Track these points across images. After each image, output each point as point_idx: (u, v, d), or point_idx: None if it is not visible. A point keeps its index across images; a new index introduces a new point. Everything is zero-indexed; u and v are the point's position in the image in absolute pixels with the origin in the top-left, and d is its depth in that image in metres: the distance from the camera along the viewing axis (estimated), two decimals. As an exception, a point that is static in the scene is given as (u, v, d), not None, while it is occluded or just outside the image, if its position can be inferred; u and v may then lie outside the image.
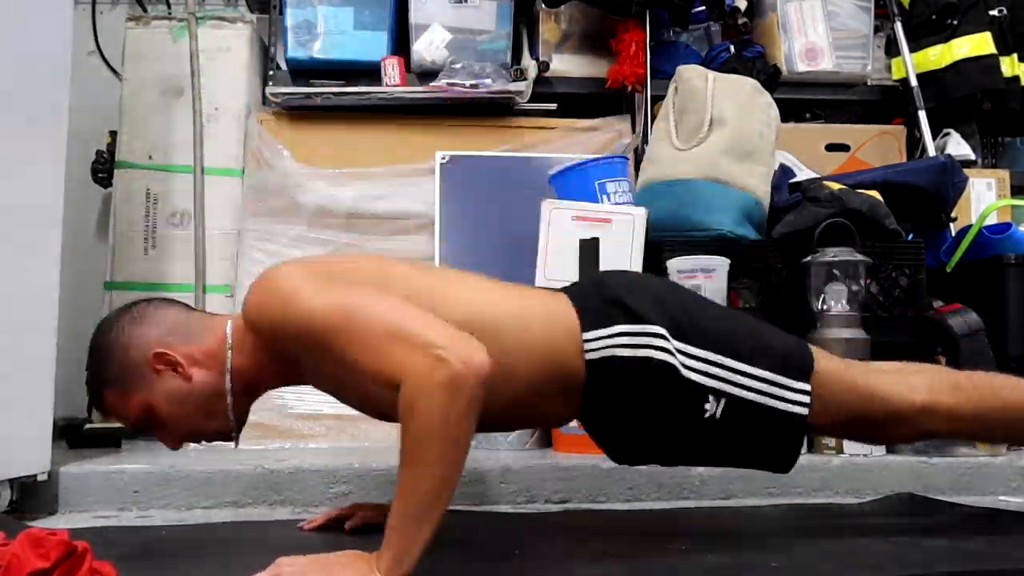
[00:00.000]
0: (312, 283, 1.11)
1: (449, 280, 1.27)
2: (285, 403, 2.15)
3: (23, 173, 1.58)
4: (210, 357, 1.21)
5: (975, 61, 2.59)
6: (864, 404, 1.27)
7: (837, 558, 1.17)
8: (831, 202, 2.07)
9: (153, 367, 1.19)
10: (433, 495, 0.99)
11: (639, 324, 1.20)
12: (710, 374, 1.21)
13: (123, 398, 1.21)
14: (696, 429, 1.22)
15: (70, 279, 1.78)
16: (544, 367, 1.20)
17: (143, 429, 1.24)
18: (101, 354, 1.22)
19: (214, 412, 1.22)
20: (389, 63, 2.53)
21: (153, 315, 1.23)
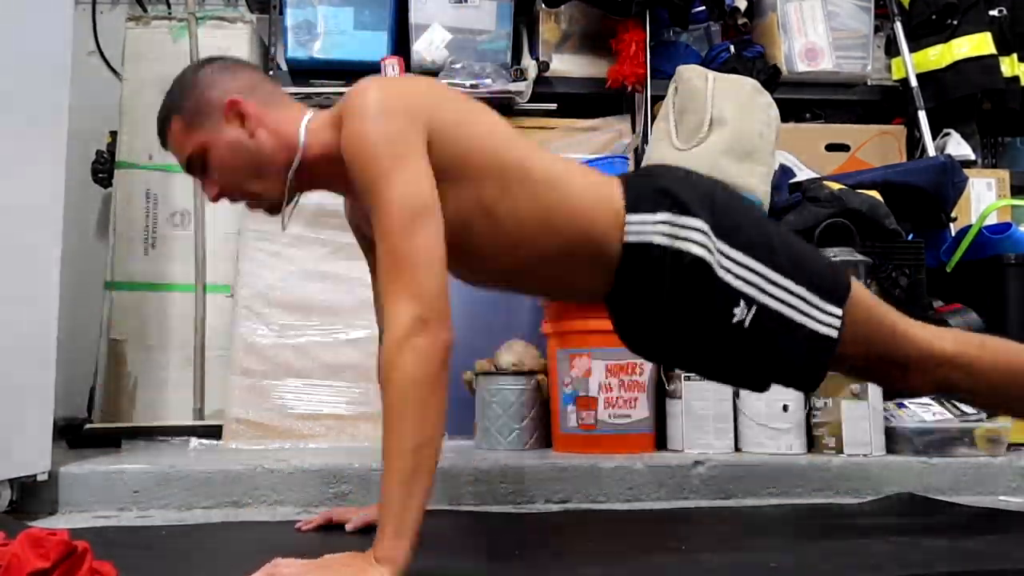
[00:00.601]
0: (390, 134, 1.11)
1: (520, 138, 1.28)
2: (285, 403, 2.15)
3: (23, 173, 1.58)
4: (277, 125, 1.24)
5: (975, 61, 2.60)
6: (892, 342, 1.28)
7: (837, 558, 1.17)
8: (831, 202, 2.07)
9: (224, 112, 1.24)
10: (418, 456, 1.01)
11: (683, 216, 1.21)
12: (745, 279, 1.20)
13: (187, 130, 1.25)
14: (722, 332, 1.21)
15: (70, 279, 1.78)
16: (583, 235, 1.22)
17: (193, 170, 1.28)
18: (184, 83, 1.27)
19: (263, 174, 1.25)
20: (389, 63, 2.53)
21: (243, 71, 1.29)
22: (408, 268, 1.06)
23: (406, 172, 1.10)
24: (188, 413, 2.30)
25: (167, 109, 1.28)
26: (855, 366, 1.32)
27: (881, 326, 1.28)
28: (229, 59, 1.33)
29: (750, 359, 1.25)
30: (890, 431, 1.89)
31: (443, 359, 1.04)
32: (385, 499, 1.01)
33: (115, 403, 2.36)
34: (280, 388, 2.16)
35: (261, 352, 2.19)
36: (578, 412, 1.93)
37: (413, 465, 1.00)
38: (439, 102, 1.19)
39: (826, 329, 1.22)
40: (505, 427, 2.00)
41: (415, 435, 1.01)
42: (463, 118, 1.20)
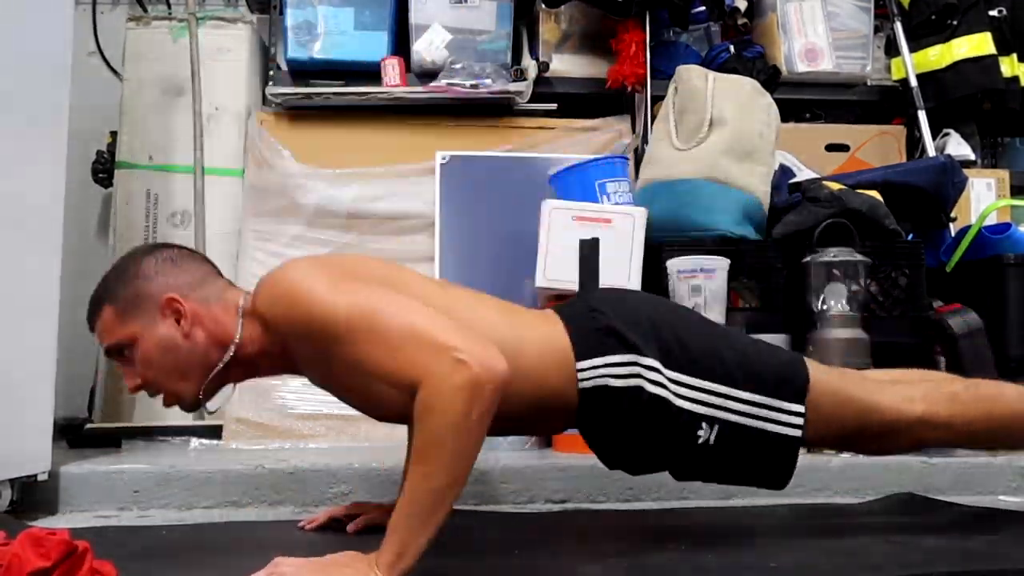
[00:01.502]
0: (330, 281, 1.11)
1: (452, 294, 1.26)
2: (285, 403, 2.15)
3: (23, 173, 1.58)
4: (214, 324, 1.21)
5: (975, 61, 2.60)
6: (860, 418, 1.28)
7: (837, 558, 1.17)
8: (831, 202, 2.07)
9: (161, 308, 1.21)
10: (440, 496, 0.99)
11: (631, 354, 1.21)
12: (702, 401, 1.21)
13: (118, 320, 1.22)
14: (690, 453, 1.23)
15: (70, 279, 1.78)
16: (538, 391, 1.21)
17: (114, 355, 1.25)
18: (124, 270, 1.24)
19: (189, 375, 1.22)
20: (389, 63, 2.53)
21: (189, 264, 1.26)
22: (409, 338, 1.02)
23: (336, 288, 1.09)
24: (188, 413, 2.30)
25: (101, 294, 1.24)
26: (830, 445, 1.33)
27: (847, 405, 1.27)
28: (179, 250, 1.29)
29: (721, 471, 1.28)
30: (890, 431, 1.89)
31: (493, 399, 1.00)
32: (398, 522, 1.00)
33: (115, 403, 2.36)
34: (280, 388, 2.16)
35: (261, 352, 2.18)
36: (578, 412, 1.93)
37: (434, 504, 0.99)
38: (364, 270, 1.19)
39: (789, 430, 1.23)
40: (505, 427, 2.00)
41: (443, 479, 0.99)
42: (401, 285, 1.18)
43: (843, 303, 1.93)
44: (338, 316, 1.07)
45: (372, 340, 1.05)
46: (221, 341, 1.21)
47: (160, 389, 1.25)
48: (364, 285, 1.12)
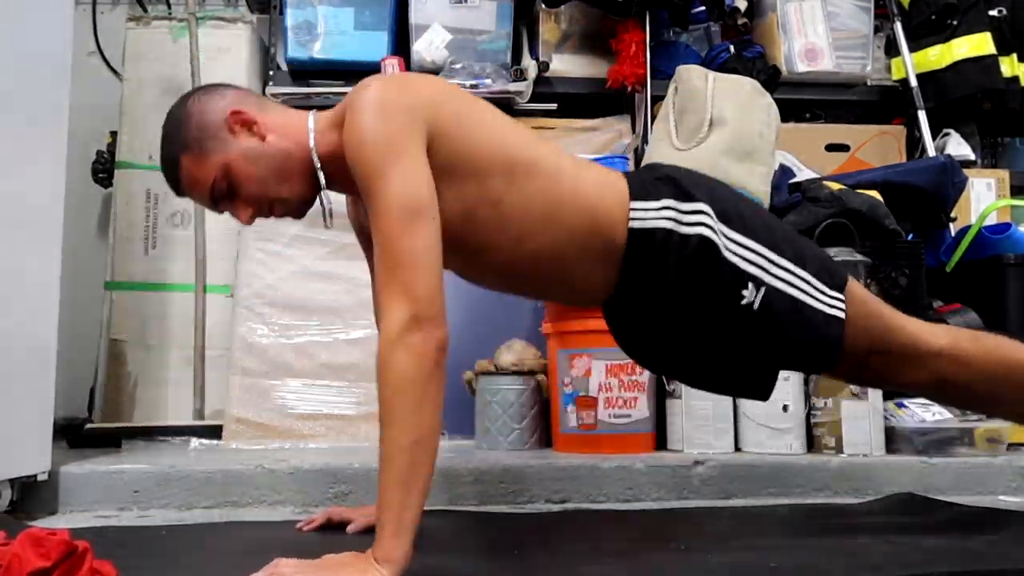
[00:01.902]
0: (390, 137, 1.11)
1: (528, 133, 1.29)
2: (285, 403, 2.15)
3: (23, 173, 1.58)
4: (286, 130, 1.23)
5: (975, 61, 2.60)
6: (887, 334, 1.28)
7: (837, 558, 1.17)
8: (831, 202, 2.07)
9: (229, 126, 1.22)
10: (415, 455, 1.01)
11: (687, 201, 1.22)
12: (751, 261, 1.21)
13: (200, 161, 1.22)
14: (731, 316, 1.21)
15: (70, 279, 1.78)
16: (589, 225, 1.22)
17: (220, 198, 1.25)
18: (177, 120, 1.24)
19: (289, 175, 1.23)
20: (389, 63, 2.53)
21: (227, 89, 1.27)
22: (403, 268, 1.06)
23: (404, 171, 1.09)
24: (188, 413, 2.30)
25: (172, 152, 1.24)
26: (852, 361, 1.30)
27: (877, 318, 1.29)
28: (209, 85, 1.31)
29: (761, 343, 1.25)
30: (890, 431, 1.89)
31: (438, 358, 1.04)
32: (383, 499, 1.01)
33: (115, 403, 2.36)
34: (280, 388, 2.16)
35: (261, 352, 2.19)
36: (578, 412, 1.93)
37: (409, 463, 1.01)
38: (440, 100, 1.19)
39: (833, 310, 1.23)
40: (505, 427, 2.00)
41: (411, 433, 1.01)
42: (466, 115, 1.20)
43: (843, 303, 1.93)
44: (370, 174, 1.10)
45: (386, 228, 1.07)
46: (299, 140, 1.23)
47: (270, 202, 1.26)
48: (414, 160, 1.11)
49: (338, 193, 1.33)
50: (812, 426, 1.91)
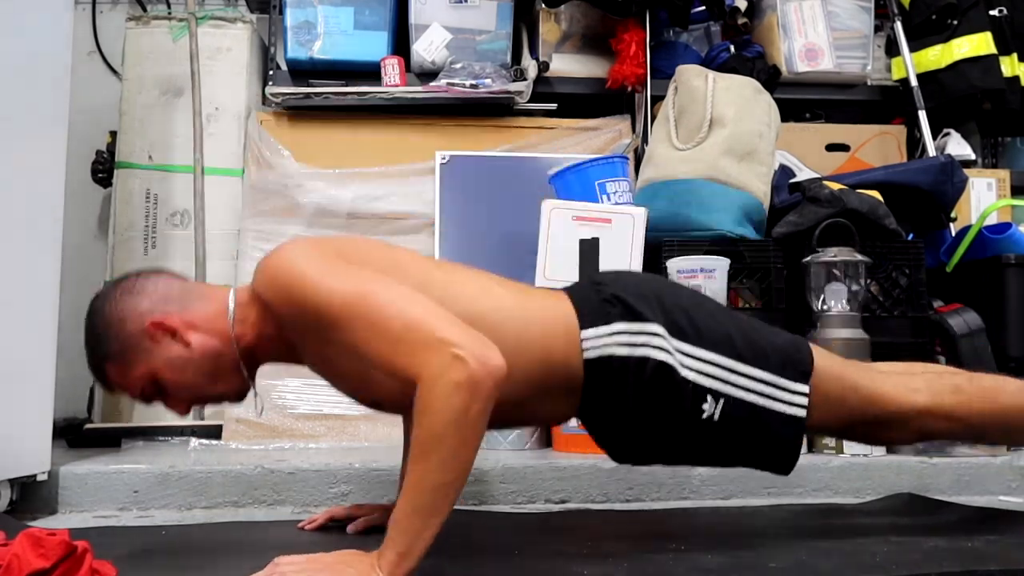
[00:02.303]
0: (328, 264, 1.10)
1: (454, 275, 1.25)
2: (285, 403, 2.15)
3: (23, 173, 1.58)
4: (209, 323, 1.20)
5: (975, 61, 2.60)
6: (864, 405, 1.27)
7: (837, 558, 1.17)
8: (831, 202, 2.07)
9: (151, 336, 1.18)
10: (441, 493, 0.99)
11: (637, 323, 1.20)
12: (708, 374, 1.20)
13: (125, 371, 1.20)
14: (694, 430, 1.21)
15: (70, 279, 1.78)
16: (543, 366, 1.20)
17: (150, 399, 1.23)
18: (98, 330, 1.21)
19: (218, 374, 1.21)
20: (389, 63, 2.53)
21: (145, 286, 1.22)
22: (407, 331, 1.01)
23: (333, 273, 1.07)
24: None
25: (95, 360, 1.22)
26: (833, 432, 1.32)
27: (850, 391, 1.27)
28: (130, 279, 1.24)
29: (725, 451, 1.26)
30: (890, 431, 1.89)
31: (492, 395, 0.99)
32: (399, 521, 0.99)
33: (115, 403, 2.36)
34: (280, 388, 2.16)
35: (261, 352, 2.18)
36: (578, 412, 1.93)
37: (436, 500, 0.99)
38: (362, 248, 1.18)
39: (794, 409, 1.22)
40: (505, 427, 2.00)
41: (443, 476, 0.98)
42: (397, 268, 1.17)
43: (843, 303, 1.93)
44: (332, 301, 1.06)
45: (370, 329, 1.04)
46: (223, 337, 1.20)
47: (206, 399, 1.26)
48: (360, 270, 1.11)
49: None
50: (812, 426, 1.91)
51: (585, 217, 2.09)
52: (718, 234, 2.10)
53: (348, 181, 2.46)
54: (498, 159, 2.50)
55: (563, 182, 2.29)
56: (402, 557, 0.98)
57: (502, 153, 2.51)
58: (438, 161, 2.46)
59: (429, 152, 2.48)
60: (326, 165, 2.47)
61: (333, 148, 2.50)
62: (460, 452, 0.99)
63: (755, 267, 2.10)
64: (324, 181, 2.45)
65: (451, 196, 2.44)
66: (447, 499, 0.99)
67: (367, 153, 2.50)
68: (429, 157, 2.47)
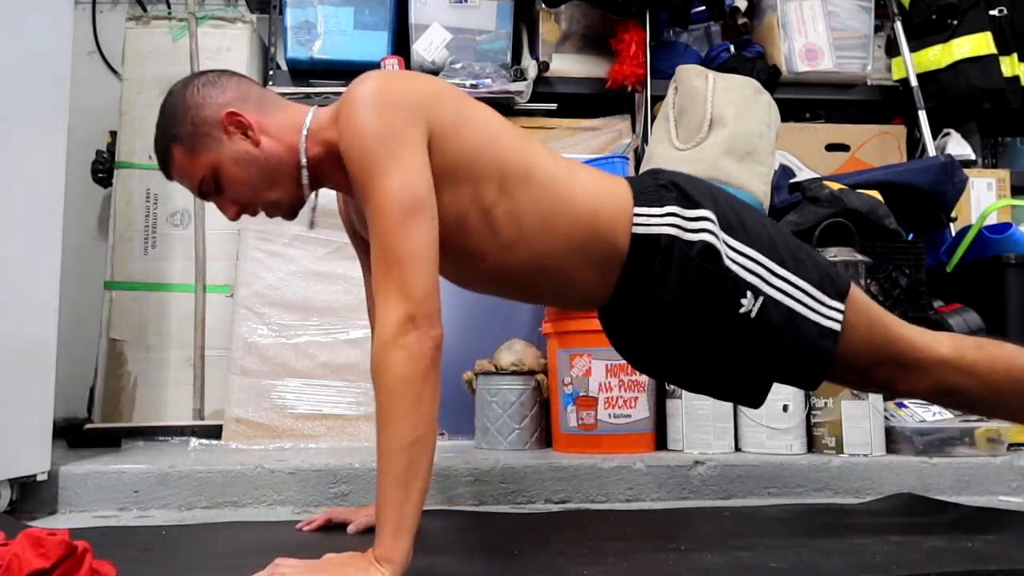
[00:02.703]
0: (391, 142, 1.09)
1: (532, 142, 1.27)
2: (285, 403, 2.15)
3: (23, 173, 1.58)
4: (281, 131, 1.22)
5: (975, 61, 2.60)
6: (890, 343, 1.28)
7: (837, 558, 1.17)
8: (831, 202, 2.07)
9: (224, 127, 1.20)
10: (413, 454, 1.01)
11: (691, 208, 1.22)
12: (751, 270, 1.21)
13: (191, 156, 1.21)
14: (728, 324, 1.21)
15: (70, 279, 1.78)
16: (588, 231, 1.21)
17: (206, 192, 1.25)
18: (174, 109, 1.22)
19: (278, 180, 1.22)
20: (389, 63, 2.53)
21: (228, 80, 1.25)
22: (399, 267, 1.05)
23: (401, 168, 1.08)
24: (188, 413, 2.30)
25: (165, 140, 1.23)
26: (855, 369, 1.31)
27: (879, 327, 1.28)
28: (212, 72, 1.27)
29: (755, 353, 1.25)
30: (890, 431, 1.90)
31: (433, 357, 1.04)
32: (382, 499, 1.00)
33: (115, 403, 2.36)
34: (280, 388, 2.16)
35: (261, 352, 2.19)
36: (578, 412, 1.93)
37: (407, 464, 1.00)
38: (440, 99, 1.17)
39: (829, 322, 1.23)
40: (505, 427, 2.00)
41: (408, 433, 1.01)
42: (464, 117, 1.18)
43: (843, 303, 1.93)
44: (372, 184, 1.08)
45: (379, 229, 1.06)
46: (293, 144, 1.21)
47: (257, 204, 1.26)
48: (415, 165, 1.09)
49: (332, 190, 1.32)
50: (812, 426, 1.91)
51: (585, 217, 2.08)
52: (718, 234, 2.10)
53: (348, 181, 2.46)
54: (498, 159, 2.49)
55: (563, 182, 2.29)
56: (395, 537, 0.98)
57: (502, 153, 2.51)
58: (438, 161, 2.46)
59: (429, 152, 2.47)
60: (326, 165, 2.47)
61: (333, 148, 2.49)
62: (420, 406, 1.02)
63: (755, 267, 2.10)
64: (324, 181, 2.45)
65: (451, 196, 2.44)
66: (421, 460, 1.01)
67: (367, 153, 2.49)
68: (429, 157, 2.47)
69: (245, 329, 2.21)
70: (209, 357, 2.32)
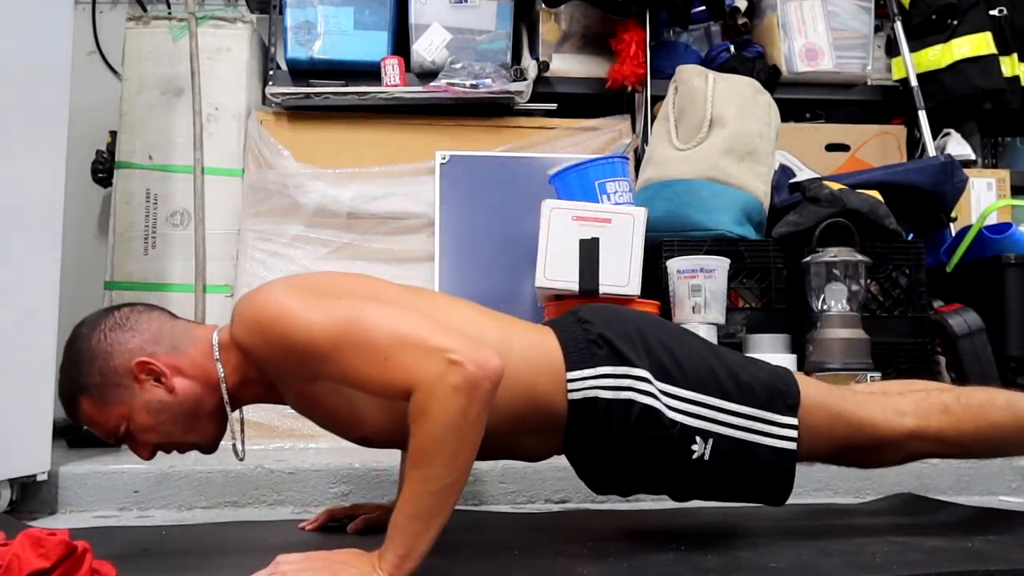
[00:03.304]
0: (305, 299, 1.07)
1: (436, 303, 1.24)
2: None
3: (23, 173, 1.58)
4: (195, 368, 1.16)
5: (975, 61, 2.60)
6: (852, 432, 1.26)
7: (837, 558, 1.17)
8: (831, 202, 2.07)
9: (135, 376, 1.14)
10: (442, 497, 0.98)
11: (623, 366, 1.20)
12: (696, 414, 1.20)
13: (101, 407, 1.15)
14: (685, 470, 1.22)
15: (70, 279, 1.78)
16: (527, 402, 1.19)
17: (120, 441, 1.19)
18: (79, 358, 1.15)
19: (195, 423, 1.18)
20: (389, 63, 2.53)
21: (137, 321, 1.18)
22: (398, 345, 1.00)
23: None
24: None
25: (71, 389, 1.16)
26: (823, 459, 1.32)
27: (838, 420, 1.26)
28: (122, 311, 1.20)
29: (717, 487, 1.26)
30: (890, 431, 1.89)
31: (488, 400, 0.98)
32: (400, 527, 0.98)
33: (115, 403, 2.36)
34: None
35: (261, 352, 2.18)
36: (578, 412, 1.93)
37: (435, 505, 0.98)
38: (339, 287, 1.15)
39: (784, 442, 1.21)
40: (505, 427, 2.00)
41: (444, 478, 0.98)
42: None
43: (843, 303, 1.93)
44: (315, 334, 1.03)
45: (359, 353, 1.02)
46: (208, 382, 1.16)
47: (174, 447, 1.22)
48: (340, 299, 1.09)
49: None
50: (812, 426, 1.91)
51: (585, 217, 2.09)
52: (718, 234, 2.10)
53: (348, 181, 2.46)
54: (498, 159, 2.50)
55: (563, 182, 2.29)
56: (403, 559, 0.97)
57: (502, 153, 2.51)
58: (438, 161, 2.46)
59: (429, 152, 2.48)
60: (326, 165, 2.47)
61: (333, 148, 2.50)
62: (460, 455, 0.98)
63: (755, 267, 2.10)
64: (324, 181, 2.45)
65: (451, 196, 2.44)
66: (448, 502, 0.99)
67: (367, 153, 2.50)
68: (429, 157, 2.47)
69: (245, 329, 2.21)
70: (209, 357, 2.32)
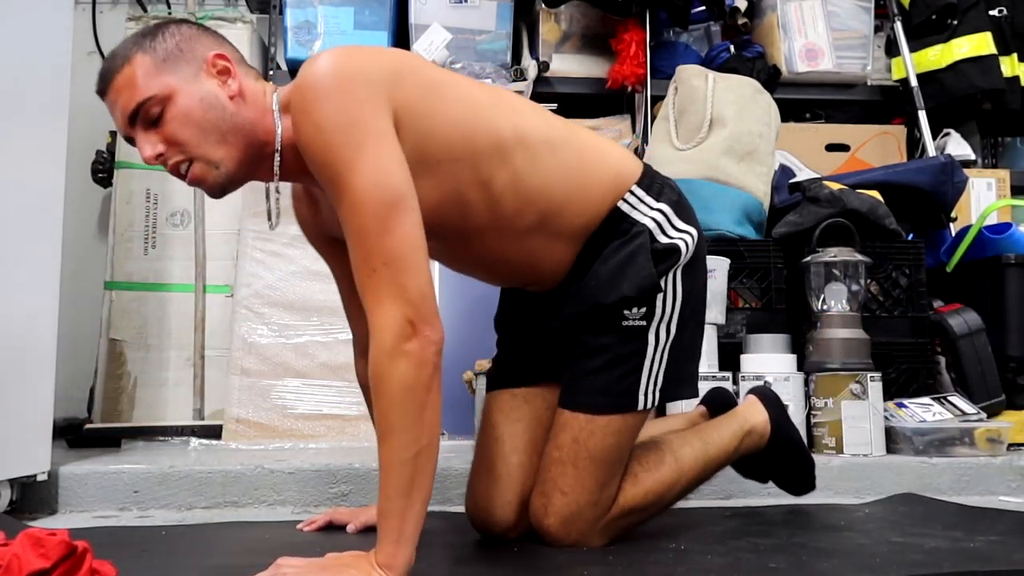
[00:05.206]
0: (359, 130, 1.00)
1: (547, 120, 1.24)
2: (285, 403, 2.15)
3: (23, 173, 1.58)
4: (256, 100, 1.12)
5: (975, 61, 2.60)
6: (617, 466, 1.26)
7: (837, 558, 1.17)
8: (831, 202, 2.07)
9: (207, 64, 1.09)
10: (417, 465, 0.98)
11: (681, 221, 1.26)
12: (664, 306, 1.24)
13: (154, 70, 1.07)
14: (608, 321, 1.22)
15: (70, 279, 1.78)
16: (572, 183, 1.21)
17: (140, 118, 1.08)
18: (164, 28, 1.10)
19: (230, 140, 1.09)
20: (389, 63, 2.53)
21: (226, 42, 1.15)
22: (388, 268, 0.98)
23: (373, 157, 0.99)
24: (188, 413, 2.30)
25: (130, 47, 1.09)
26: None
27: (621, 452, 1.25)
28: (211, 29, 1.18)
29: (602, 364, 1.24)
30: (890, 431, 1.89)
31: (436, 363, 0.99)
32: (384, 509, 0.99)
33: (115, 403, 2.36)
34: (280, 388, 2.16)
35: (260, 352, 2.19)
36: (578, 412, 1.93)
37: (412, 474, 0.98)
38: (398, 76, 1.07)
39: (642, 398, 1.23)
40: (505, 427, 2.00)
41: (412, 444, 0.98)
42: (433, 91, 1.10)
43: (843, 303, 1.93)
44: (342, 177, 0.99)
45: (358, 232, 1.00)
46: (264, 120, 1.11)
47: (190, 154, 1.09)
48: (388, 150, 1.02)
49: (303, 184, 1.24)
50: (812, 426, 1.91)
51: (585, 217, 2.08)
52: (718, 234, 2.10)
53: (348, 181, 2.46)
54: (498, 159, 2.50)
55: (563, 182, 2.29)
56: (397, 545, 0.97)
57: (502, 153, 2.51)
58: (438, 161, 2.46)
59: (429, 152, 2.48)
60: (326, 165, 2.47)
61: (333, 148, 2.49)
62: (423, 415, 0.99)
63: (755, 267, 2.10)
64: (324, 181, 2.45)
65: (451, 196, 2.44)
66: (425, 470, 0.99)
67: (367, 153, 2.49)
68: (429, 157, 2.47)
69: (245, 329, 2.21)
70: (209, 357, 2.32)
